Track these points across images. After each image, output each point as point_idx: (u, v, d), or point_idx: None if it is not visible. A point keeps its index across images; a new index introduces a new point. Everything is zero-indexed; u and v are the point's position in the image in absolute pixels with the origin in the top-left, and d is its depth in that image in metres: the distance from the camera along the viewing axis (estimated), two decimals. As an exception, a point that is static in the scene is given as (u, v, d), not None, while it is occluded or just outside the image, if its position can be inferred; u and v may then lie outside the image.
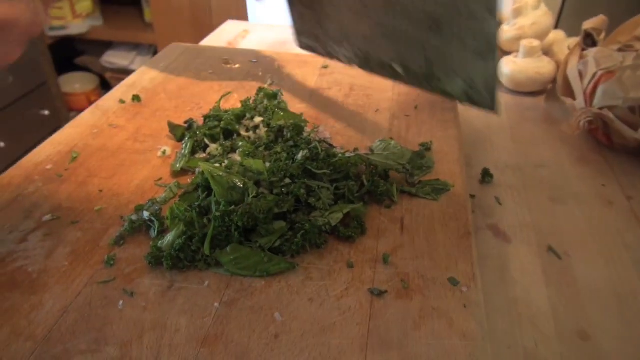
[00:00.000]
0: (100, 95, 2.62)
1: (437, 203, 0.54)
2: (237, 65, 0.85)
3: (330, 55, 0.72)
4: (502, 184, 0.69)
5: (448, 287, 0.44)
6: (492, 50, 0.50)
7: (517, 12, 0.94)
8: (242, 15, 2.31)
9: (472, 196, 0.64)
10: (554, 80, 0.91)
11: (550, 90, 0.93)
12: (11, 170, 0.57)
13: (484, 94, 0.54)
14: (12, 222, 0.50)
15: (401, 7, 0.56)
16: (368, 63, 0.67)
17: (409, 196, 0.55)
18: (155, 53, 2.59)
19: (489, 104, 0.55)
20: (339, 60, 0.72)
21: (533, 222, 0.62)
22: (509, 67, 0.91)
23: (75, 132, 0.65)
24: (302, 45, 0.75)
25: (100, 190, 0.55)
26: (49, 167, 0.58)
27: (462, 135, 0.69)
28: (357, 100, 0.75)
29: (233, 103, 0.73)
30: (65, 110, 2.50)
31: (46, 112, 2.36)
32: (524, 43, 0.90)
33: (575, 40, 0.96)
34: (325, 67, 0.85)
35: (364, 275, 0.45)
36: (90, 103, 2.72)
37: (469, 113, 0.81)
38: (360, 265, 0.46)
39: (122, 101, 0.72)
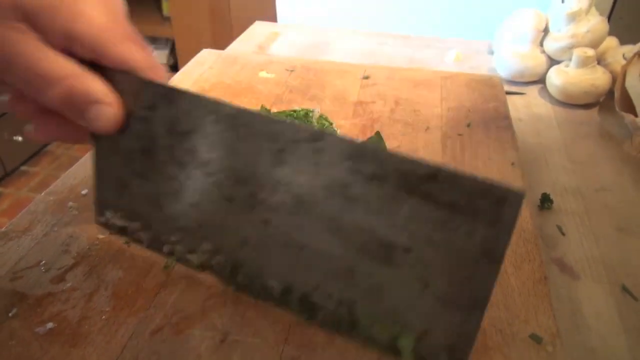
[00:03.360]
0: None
1: (505, 240, 0.49)
2: (272, 75, 0.80)
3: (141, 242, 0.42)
4: (563, 210, 0.64)
5: (531, 345, 0.39)
6: (484, 302, 0.31)
7: (570, 18, 0.88)
8: (262, 10, 2.27)
9: (537, 227, 0.59)
10: (608, 92, 0.86)
11: (604, 102, 0.87)
12: (44, 195, 0.54)
13: (441, 354, 0.33)
14: (47, 258, 0.46)
15: (340, 226, 0.34)
16: (233, 276, 0.39)
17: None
18: (172, 48, 2.55)
19: None
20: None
21: (601, 255, 0.57)
22: (560, 77, 0.85)
23: (109, 150, 0.61)
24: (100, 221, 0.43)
25: (140, 221, 0.51)
26: (84, 191, 0.54)
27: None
28: (404, 116, 0.70)
29: (273, 118, 0.69)
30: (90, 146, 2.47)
31: (19, 139, 2.30)
32: (578, 52, 0.84)
33: (630, 49, 0.90)
34: (367, 77, 0.80)
35: (435, 328, 0.41)
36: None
37: (517, 127, 0.76)
38: (430, 316, 0.42)
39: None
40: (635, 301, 0.52)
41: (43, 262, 0.46)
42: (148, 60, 0.35)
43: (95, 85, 0.33)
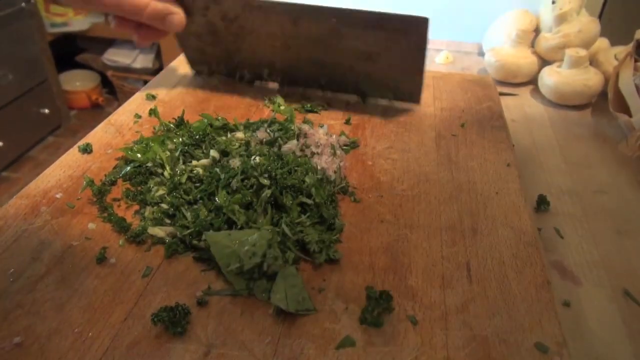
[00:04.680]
0: (101, 94, 2.55)
1: (505, 243, 0.47)
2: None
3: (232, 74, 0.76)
4: (560, 212, 0.62)
5: (537, 355, 0.37)
6: (420, 70, 0.65)
7: (562, 18, 0.87)
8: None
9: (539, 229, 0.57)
10: (600, 93, 0.85)
11: (597, 103, 0.86)
12: (16, 199, 0.50)
13: (407, 95, 0.70)
14: (17, 266, 0.43)
15: (335, 48, 0.64)
16: (286, 82, 0.74)
17: (471, 232, 0.48)
18: (158, 52, 2.51)
19: (414, 100, 0.70)
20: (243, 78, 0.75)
21: (602, 259, 0.55)
22: (552, 78, 0.84)
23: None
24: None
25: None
26: (58, 195, 0.51)
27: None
28: (397, 116, 0.68)
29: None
30: (65, 109, 2.43)
31: (46, 111, 2.28)
32: (570, 52, 0.83)
33: (621, 49, 0.89)
34: (357, 77, 0.77)
35: (435, 338, 0.38)
36: (91, 101, 2.63)
37: (510, 128, 0.74)
38: (429, 325, 0.39)
39: (137, 116, 0.65)
40: (639, 306, 0.50)
41: (12, 270, 0.42)
42: None
43: (166, 5, 0.58)
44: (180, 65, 0.79)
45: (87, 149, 0.58)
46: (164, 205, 0.48)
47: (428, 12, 0.60)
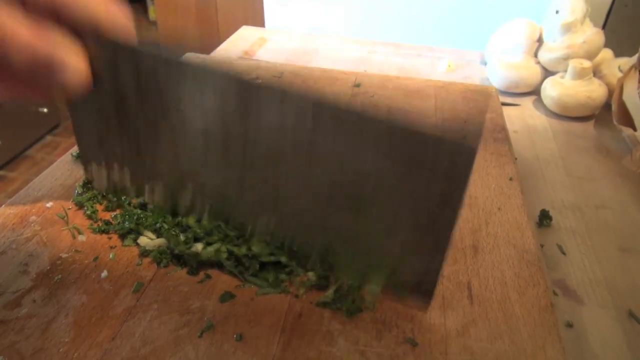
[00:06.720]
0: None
1: (507, 262, 0.46)
2: (259, 81, 0.76)
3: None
4: (562, 228, 0.61)
5: (539, 384, 0.36)
6: (444, 245, 0.35)
7: (566, 29, 0.86)
8: (249, 14, 2.23)
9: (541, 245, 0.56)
10: (604, 105, 0.83)
11: (600, 115, 0.85)
12: (5, 208, 0.49)
13: (412, 288, 0.38)
14: (3, 280, 0.41)
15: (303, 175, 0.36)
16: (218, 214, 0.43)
17: (472, 250, 0.47)
18: (158, 52, 2.50)
19: (419, 300, 0.39)
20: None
21: (605, 278, 0.54)
22: (556, 89, 0.83)
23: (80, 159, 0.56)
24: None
25: (110, 237, 0.46)
26: (48, 204, 0.49)
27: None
28: (397, 126, 0.66)
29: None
30: (64, 108, 2.42)
31: (45, 110, 2.27)
32: (574, 64, 0.82)
33: (625, 61, 0.88)
34: (358, 85, 0.76)
35: (435, 363, 0.37)
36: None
37: (512, 139, 0.73)
38: (428, 349, 0.38)
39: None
40: (643, 328, 0.49)
41: (-3, 284, 0.41)
42: (114, 17, 0.33)
43: (59, 47, 0.31)
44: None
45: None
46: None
47: (431, 19, 0.58)
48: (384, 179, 0.33)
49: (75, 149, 0.57)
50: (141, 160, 0.41)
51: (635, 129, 0.73)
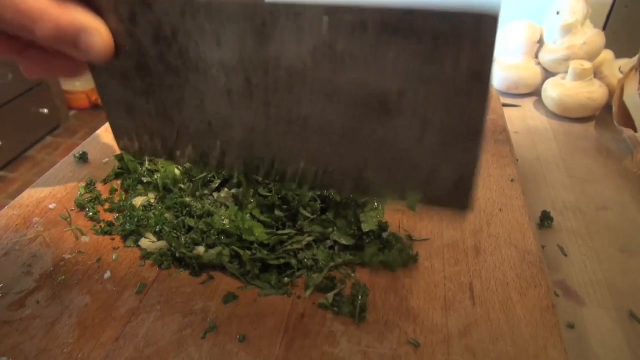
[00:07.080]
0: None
1: (509, 263, 0.46)
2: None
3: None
4: (563, 229, 0.61)
5: (541, 385, 0.36)
6: (481, 127, 0.33)
7: (566, 30, 0.86)
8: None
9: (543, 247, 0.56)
10: (605, 106, 0.84)
11: (600, 116, 0.85)
12: (8, 209, 0.49)
13: (451, 191, 0.35)
14: (7, 281, 0.41)
15: (324, 87, 0.34)
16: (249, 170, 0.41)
17: (474, 251, 0.47)
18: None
19: (460, 204, 0.36)
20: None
21: (606, 279, 0.54)
22: (557, 90, 0.83)
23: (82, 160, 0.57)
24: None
25: (113, 239, 0.46)
26: (51, 206, 0.50)
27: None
28: (398, 128, 0.67)
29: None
30: (65, 109, 2.42)
31: (45, 111, 2.27)
32: (575, 65, 0.82)
33: (626, 62, 0.88)
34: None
35: (437, 364, 0.37)
36: (91, 102, 2.62)
37: (513, 140, 0.73)
38: (430, 350, 0.38)
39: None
40: (644, 329, 0.49)
41: (1, 285, 0.41)
42: None
43: (76, 16, 0.32)
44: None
45: (83, 158, 0.56)
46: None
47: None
48: (409, 73, 0.32)
49: (77, 150, 0.57)
50: (170, 123, 0.41)
51: (636, 130, 0.73)
